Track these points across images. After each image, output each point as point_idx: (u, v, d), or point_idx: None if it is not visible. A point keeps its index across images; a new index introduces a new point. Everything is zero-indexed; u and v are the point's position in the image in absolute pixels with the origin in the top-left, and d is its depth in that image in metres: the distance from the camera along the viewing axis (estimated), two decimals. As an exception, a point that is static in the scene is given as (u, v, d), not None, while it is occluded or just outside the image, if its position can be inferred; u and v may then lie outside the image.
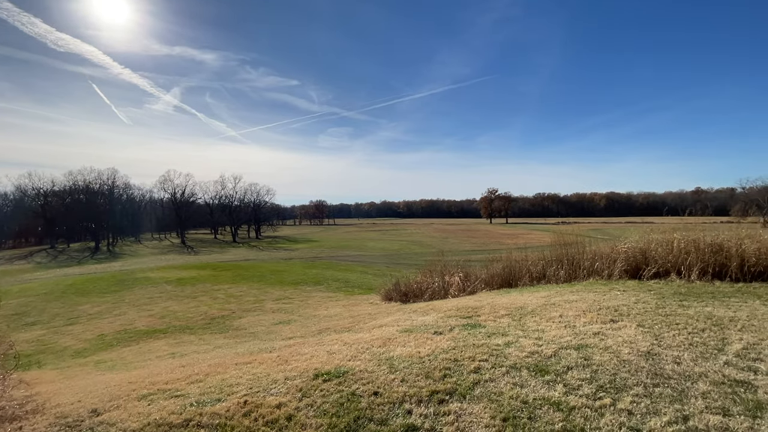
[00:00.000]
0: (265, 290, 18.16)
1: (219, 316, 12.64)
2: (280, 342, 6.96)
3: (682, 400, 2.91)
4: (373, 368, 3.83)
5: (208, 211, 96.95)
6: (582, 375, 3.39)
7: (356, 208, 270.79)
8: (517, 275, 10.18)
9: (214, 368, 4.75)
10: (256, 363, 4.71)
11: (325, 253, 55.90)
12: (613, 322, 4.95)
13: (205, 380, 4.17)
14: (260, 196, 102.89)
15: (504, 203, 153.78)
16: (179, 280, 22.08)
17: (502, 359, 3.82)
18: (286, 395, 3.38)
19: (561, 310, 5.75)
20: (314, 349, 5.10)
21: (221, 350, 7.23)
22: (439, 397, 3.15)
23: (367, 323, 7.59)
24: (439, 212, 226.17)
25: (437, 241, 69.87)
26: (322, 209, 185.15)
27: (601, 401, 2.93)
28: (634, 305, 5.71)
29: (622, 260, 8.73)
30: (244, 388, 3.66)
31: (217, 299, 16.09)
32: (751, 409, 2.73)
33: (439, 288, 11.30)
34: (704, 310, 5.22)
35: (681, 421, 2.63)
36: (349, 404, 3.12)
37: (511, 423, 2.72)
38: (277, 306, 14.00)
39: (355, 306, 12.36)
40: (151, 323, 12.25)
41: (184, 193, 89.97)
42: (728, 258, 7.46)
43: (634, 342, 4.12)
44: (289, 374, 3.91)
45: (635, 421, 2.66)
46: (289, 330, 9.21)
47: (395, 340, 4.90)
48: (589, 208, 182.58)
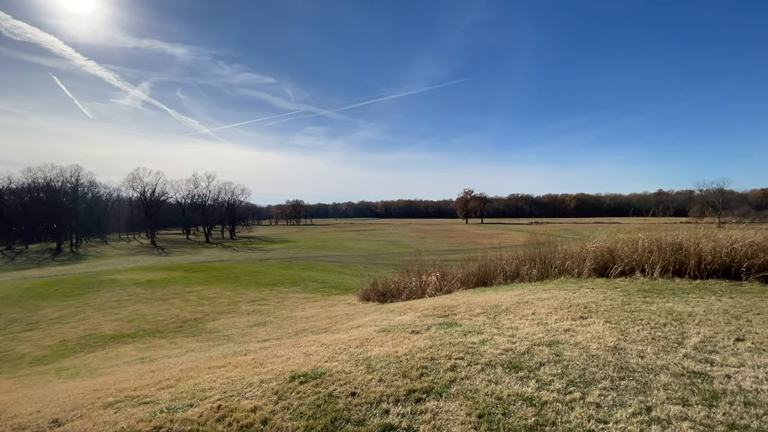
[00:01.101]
0: (239, 292, 17.76)
1: (191, 319, 12.26)
2: (256, 344, 6.82)
3: (645, 392, 3.05)
4: (351, 369, 3.82)
5: (179, 210, 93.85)
6: (554, 370, 3.50)
7: (334, 208, 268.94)
8: (492, 274, 10.39)
9: (186, 373, 4.61)
10: (231, 366, 4.60)
11: (302, 253, 55.24)
12: (582, 318, 5.14)
13: (176, 385, 4.04)
14: (235, 196, 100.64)
15: (479, 204, 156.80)
16: (149, 282, 21.26)
17: (477, 357, 3.90)
18: (261, 398, 3.33)
19: (534, 307, 5.91)
20: (291, 350, 5.04)
21: (194, 354, 7.02)
22: (416, 395, 3.17)
23: (344, 324, 7.56)
24: (417, 212, 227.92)
25: (415, 241, 70.39)
26: (299, 209, 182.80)
27: (571, 395, 3.04)
28: (602, 302, 5.95)
29: (591, 259, 9.07)
30: (217, 393, 3.57)
31: (190, 301, 15.61)
32: (707, 399, 2.91)
33: (417, 287, 11.39)
34: (665, 306, 5.51)
35: (645, 411, 2.76)
36: (326, 406, 3.10)
37: (486, 419, 2.77)
38: (253, 308, 13.72)
39: (333, 306, 12.28)
40: (118, 327, 11.75)
41: (154, 192, 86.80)
42: (687, 256, 7.89)
43: (602, 337, 4.30)
44: (265, 377, 3.84)
45: (603, 413, 2.78)
46: (264, 332, 9.05)
47: (373, 340, 4.90)
48: (561, 208, 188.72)
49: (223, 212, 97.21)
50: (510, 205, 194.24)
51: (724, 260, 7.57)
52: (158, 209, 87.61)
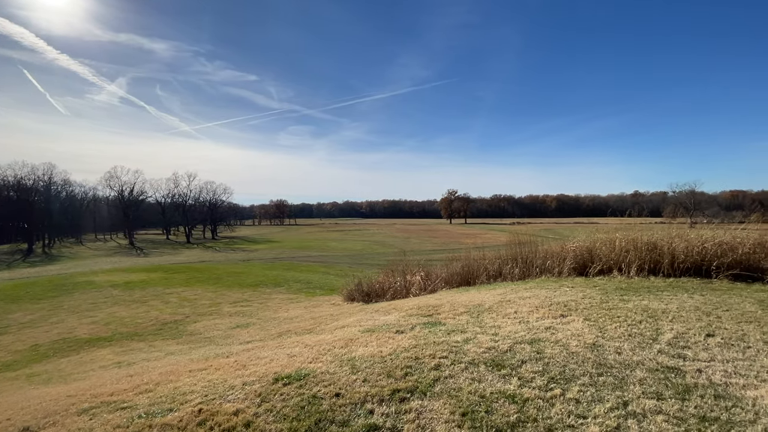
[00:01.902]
0: (221, 293, 17.45)
1: (171, 321, 11.97)
2: (238, 346, 6.72)
3: (622, 387, 3.15)
4: (335, 369, 3.80)
5: (159, 210, 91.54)
6: (535, 368, 3.57)
7: (318, 208, 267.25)
8: (475, 274, 10.52)
9: (166, 376, 4.50)
10: (212, 369, 4.52)
11: (286, 253, 54.66)
12: (562, 316, 5.26)
13: (155, 389, 3.94)
14: (217, 195, 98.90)
15: (463, 204, 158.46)
16: (127, 284, 20.66)
17: (461, 356, 3.94)
18: (244, 401, 3.28)
19: (516, 306, 6.02)
20: (274, 352, 4.98)
21: (174, 357, 6.86)
22: (400, 395, 3.18)
23: (329, 324, 7.52)
24: (402, 212, 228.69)
25: (399, 241, 70.59)
26: (283, 209, 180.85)
27: (552, 392, 3.10)
28: (582, 300, 6.10)
29: (571, 258, 9.29)
30: (198, 396, 3.50)
31: (170, 303, 15.23)
32: (680, 392, 3.02)
33: (401, 287, 11.43)
34: (641, 304, 5.69)
35: (621, 406, 2.85)
36: (310, 407, 3.08)
37: (469, 417, 2.81)
38: (235, 309, 13.50)
39: (317, 307, 12.20)
40: (94, 331, 11.37)
41: (132, 191, 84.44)
42: (661, 255, 8.17)
43: (581, 335, 4.41)
44: (248, 379, 3.79)
45: (582, 409, 2.85)
46: (247, 334, 8.92)
47: (357, 341, 4.89)
48: (542, 209, 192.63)
49: (204, 212, 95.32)
50: (493, 206, 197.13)
51: (695, 259, 7.87)
52: (137, 209, 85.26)
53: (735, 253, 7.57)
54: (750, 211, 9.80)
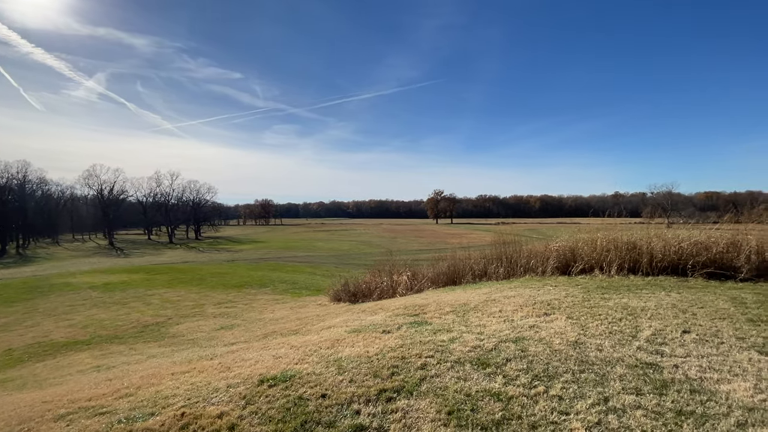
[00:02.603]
0: (205, 294, 17.15)
1: (153, 323, 11.71)
2: (222, 348, 6.62)
3: (603, 383, 3.23)
4: (321, 370, 3.79)
5: (140, 209, 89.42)
6: (519, 366, 3.62)
7: (304, 208, 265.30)
8: (461, 273, 10.62)
9: (147, 380, 4.40)
10: (196, 371, 4.44)
11: (272, 254, 54.09)
12: (546, 315, 5.35)
13: (136, 393, 3.84)
14: (200, 195, 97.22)
15: (449, 204, 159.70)
16: (106, 285, 20.12)
17: (447, 355, 3.97)
18: (228, 404, 3.23)
19: (500, 305, 6.10)
20: (259, 353, 4.92)
21: (156, 360, 6.71)
22: (387, 395, 3.19)
23: (315, 325, 7.47)
24: (388, 212, 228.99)
25: (386, 241, 70.68)
26: (269, 209, 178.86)
27: (536, 389, 3.16)
28: (564, 299, 6.22)
29: (554, 258, 9.47)
30: (181, 399, 3.43)
31: (151, 305, 14.90)
32: (658, 388, 3.11)
33: (388, 287, 11.45)
34: (621, 302, 5.84)
35: (602, 402, 2.92)
36: (295, 409, 3.06)
37: (455, 416, 2.83)
38: (219, 310, 13.29)
39: (303, 308, 12.12)
40: (71, 334, 11.03)
41: (112, 190, 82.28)
42: (640, 255, 8.40)
43: (564, 333, 4.50)
44: (232, 381, 3.73)
45: (565, 405, 2.91)
46: (232, 335, 8.79)
47: (344, 341, 4.88)
48: (526, 209, 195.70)
49: (187, 212, 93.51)
50: (478, 206, 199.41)
51: (672, 258, 8.12)
52: (117, 208, 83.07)
53: (709, 252, 7.84)
54: (723, 211, 10.17)
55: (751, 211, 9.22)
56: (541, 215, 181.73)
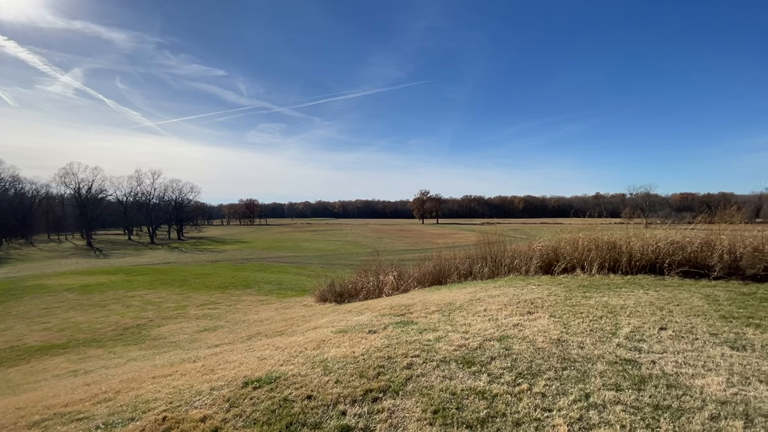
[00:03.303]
0: (188, 295, 16.82)
1: (134, 326, 11.42)
2: (206, 350, 6.51)
3: (584, 380, 3.30)
4: (307, 371, 3.76)
5: (121, 209, 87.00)
6: (504, 364, 3.68)
7: (290, 208, 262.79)
8: (446, 273, 10.70)
9: (127, 384, 4.29)
10: (178, 375, 4.35)
11: (256, 254, 53.42)
12: (529, 313, 5.44)
13: (115, 398, 3.75)
14: (183, 194, 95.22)
15: (435, 204, 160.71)
16: (84, 287, 19.52)
17: (432, 354, 4.00)
18: (211, 407, 3.18)
19: (485, 304, 6.17)
20: (243, 355, 4.86)
21: (136, 363, 6.55)
22: (373, 395, 3.19)
23: (300, 326, 7.42)
24: (375, 212, 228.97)
25: (372, 241, 70.65)
26: (253, 208, 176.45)
27: (519, 387, 3.21)
28: (547, 298, 6.34)
29: (537, 258, 9.64)
30: (162, 404, 3.36)
31: (132, 307, 14.53)
32: (636, 383, 3.20)
33: (374, 287, 11.45)
34: (602, 300, 5.98)
35: (584, 398, 2.99)
36: (281, 410, 3.03)
37: (441, 414, 2.86)
38: (202, 312, 13.06)
39: (289, 309, 12.01)
40: (46, 338, 10.67)
41: (90, 189, 79.80)
42: (620, 254, 8.63)
43: (547, 331, 4.58)
44: (216, 384, 3.68)
45: (548, 402, 2.97)
46: (215, 337, 8.65)
47: (330, 342, 4.86)
48: (510, 209, 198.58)
49: (169, 211, 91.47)
50: (464, 206, 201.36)
51: (650, 257, 8.36)
52: (96, 208, 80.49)
53: (685, 252, 8.10)
54: (697, 212, 10.53)
55: (724, 212, 9.56)
56: (525, 215, 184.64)
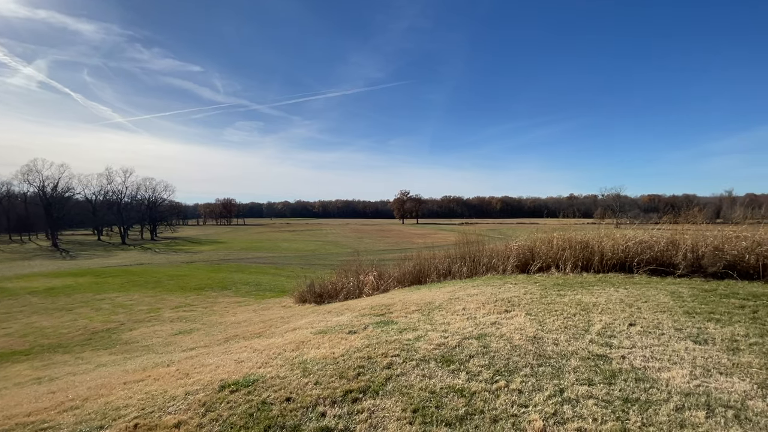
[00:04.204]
0: (162, 298, 16.30)
1: (103, 330, 10.98)
2: (180, 354, 6.33)
3: (559, 376, 3.40)
4: (286, 373, 3.72)
5: (89, 208, 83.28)
6: (482, 362, 3.74)
7: (269, 208, 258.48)
8: (426, 272, 10.79)
9: (96, 390, 4.12)
10: (151, 379, 4.22)
11: (234, 255, 52.30)
12: (507, 312, 5.56)
13: (83, 406, 3.59)
14: (157, 193, 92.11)
15: (415, 205, 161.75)
16: (49, 290, 18.60)
17: (412, 353, 4.02)
18: (186, 412, 3.09)
19: (464, 303, 6.26)
20: (220, 358, 4.76)
21: (106, 369, 6.30)
22: (353, 396, 3.19)
23: (279, 327, 7.32)
24: (355, 212, 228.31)
25: (353, 241, 70.42)
26: (231, 208, 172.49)
27: (497, 384, 3.28)
28: (524, 296, 6.49)
29: (514, 257, 9.85)
30: (134, 410, 3.24)
31: (101, 310, 13.95)
32: (608, 378, 3.32)
33: (354, 287, 11.42)
34: (575, 298, 6.18)
35: (558, 393, 3.08)
36: (259, 414, 2.98)
37: (420, 413, 2.88)
38: (177, 314, 12.68)
39: (267, 310, 11.82)
40: (7, 344, 10.11)
41: (56, 187, 76.00)
42: (592, 253, 8.94)
43: (523, 329, 4.69)
44: (191, 388, 3.58)
45: (524, 398, 3.04)
46: (190, 340, 8.42)
47: (309, 343, 4.82)
48: (488, 210, 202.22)
49: (142, 211, 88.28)
50: (443, 206, 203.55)
51: (620, 256, 8.69)
52: (62, 207, 76.77)
53: (652, 251, 8.46)
54: (663, 213, 11.07)
55: (687, 213, 10.07)
56: (502, 216, 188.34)
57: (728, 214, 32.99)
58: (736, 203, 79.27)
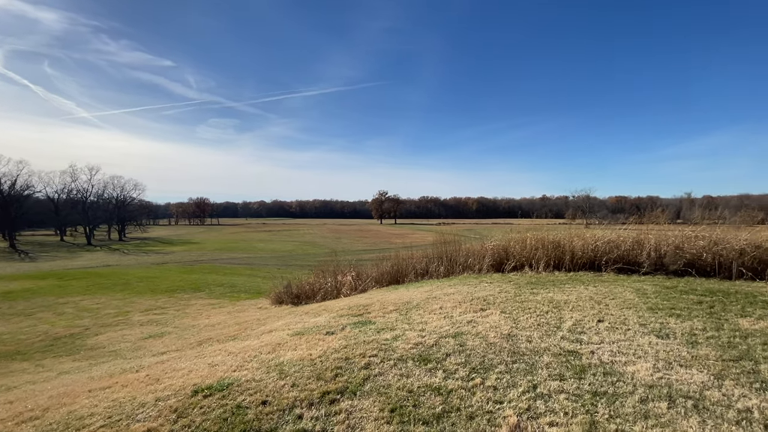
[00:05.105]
0: (131, 300, 15.67)
1: (66, 335, 10.44)
2: (151, 359, 6.10)
3: (532, 372, 3.50)
4: (262, 376, 3.66)
5: (52, 207, 78.94)
6: (458, 360, 3.80)
7: (244, 207, 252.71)
8: (404, 272, 10.86)
9: (58, 399, 3.92)
10: (118, 386, 4.05)
11: (207, 255, 50.90)
12: (482, 310, 5.67)
13: (43, 416, 3.41)
14: (125, 191, 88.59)
15: (393, 205, 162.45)
16: (6, 294, 17.53)
17: (390, 353, 4.04)
18: (157, 419, 2.99)
19: (441, 302, 6.34)
20: (193, 362, 4.62)
21: (69, 376, 6.00)
22: (330, 397, 3.17)
23: (255, 329, 7.18)
24: (333, 212, 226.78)
25: (330, 242, 69.93)
26: (204, 207, 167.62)
27: (473, 381, 3.34)
28: (499, 295, 6.64)
29: (490, 256, 10.06)
30: (100, 419, 3.11)
31: (64, 315, 13.27)
32: (578, 372, 3.45)
33: (332, 288, 11.34)
34: (548, 296, 6.37)
35: (532, 389, 3.17)
36: (233, 418, 2.92)
37: (398, 413, 2.90)
38: (147, 318, 12.22)
39: (242, 312, 11.58)
40: (-43, 352, 9.43)
41: (14, 185, 71.53)
42: (564, 253, 9.25)
43: (498, 327, 4.80)
44: (161, 394, 3.46)
45: (499, 395, 3.11)
46: (161, 344, 8.14)
47: (286, 345, 4.76)
48: (464, 210, 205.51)
49: (110, 210, 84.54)
50: (421, 207, 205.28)
51: (590, 255, 9.04)
52: (21, 206, 72.40)
53: (619, 250, 8.85)
54: (629, 213, 11.63)
55: (651, 214, 10.60)
56: (478, 216, 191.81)
57: (688, 215, 34.92)
58: (695, 205, 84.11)
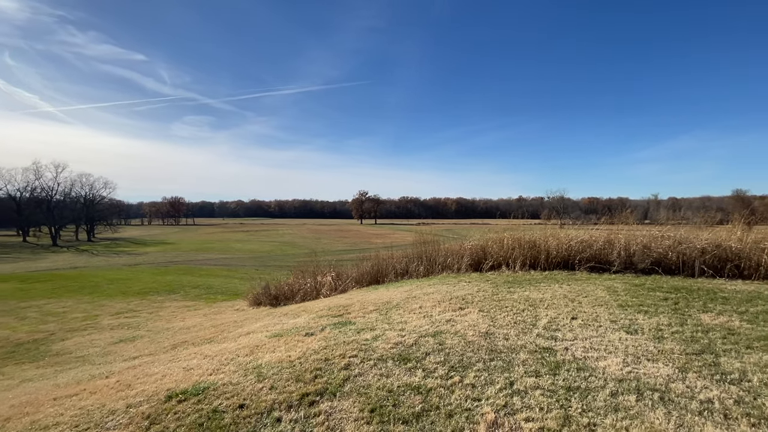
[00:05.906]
0: (100, 303, 15.04)
1: (29, 341, 9.92)
2: (122, 364, 5.88)
3: (509, 369, 3.58)
4: (239, 379, 3.59)
5: (13, 206, 74.78)
6: (437, 359, 3.85)
7: (221, 207, 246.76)
8: (384, 272, 10.88)
9: (20, 409, 3.73)
10: (86, 393, 3.88)
11: (182, 256, 49.44)
12: (461, 309, 5.76)
13: (4, 427, 3.23)
14: (95, 190, 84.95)
15: (373, 205, 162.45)
16: (-40, 299, 16.45)
17: (370, 353, 4.04)
18: (128, 426, 2.89)
19: (421, 302, 6.40)
20: (167, 367, 4.49)
21: (32, 384, 5.70)
22: (309, 399, 3.14)
23: (232, 332, 7.04)
24: (313, 212, 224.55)
25: (310, 242, 69.24)
26: (179, 207, 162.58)
27: (452, 380, 3.38)
28: (477, 293, 6.76)
29: (468, 256, 10.23)
30: (66, 428, 2.98)
31: (27, 319, 12.60)
32: (552, 369, 3.55)
33: (312, 288, 11.25)
34: (524, 294, 6.53)
35: (509, 386, 3.24)
36: (209, 423, 2.85)
37: (378, 413, 2.90)
38: (118, 321, 11.76)
39: (219, 314, 11.31)
40: None
41: (-30, 183, 67.46)
42: (539, 252, 9.50)
43: (476, 325, 4.88)
44: (133, 401, 3.35)
45: (477, 392, 3.17)
46: (133, 348, 7.85)
47: (264, 347, 4.68)
48: (443, 210, 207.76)
49: (77, 210, 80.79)
50: (401, 207, 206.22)
51: (564, 255, 9.32)
52: (-23, 205, 68.32)
53: (591, 249, 9.16)
54: (601, 214, 12.06)
55: (621, 214, 11.05)
56: (457, 216, 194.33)
57: (654, 215, 36.35)
58: (661, 206, 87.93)
